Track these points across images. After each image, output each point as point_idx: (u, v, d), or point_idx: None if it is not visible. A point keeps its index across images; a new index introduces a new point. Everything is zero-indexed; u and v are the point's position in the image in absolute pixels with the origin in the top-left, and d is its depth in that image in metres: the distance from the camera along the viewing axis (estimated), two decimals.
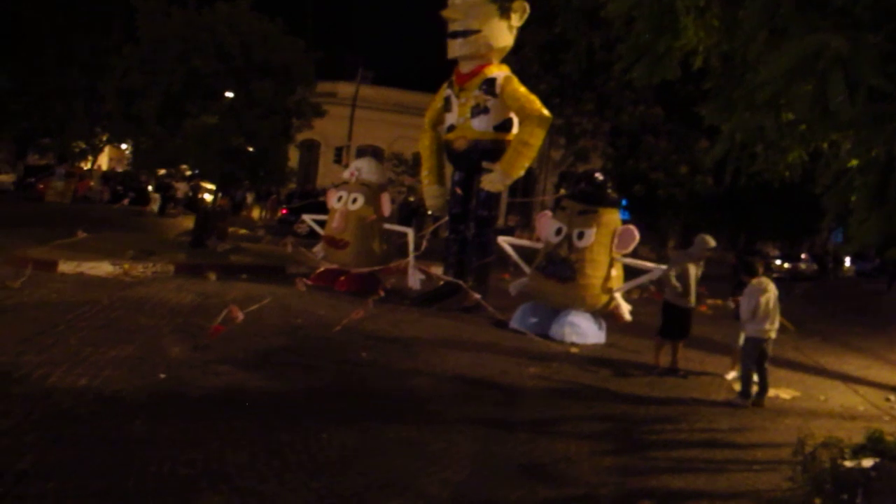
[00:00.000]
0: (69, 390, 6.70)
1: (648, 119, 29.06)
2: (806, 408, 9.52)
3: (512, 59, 15.72)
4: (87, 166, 46.46)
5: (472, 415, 7.54)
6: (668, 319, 10.81)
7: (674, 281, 10.67)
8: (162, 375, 7.52)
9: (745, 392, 9.27)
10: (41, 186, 34.75)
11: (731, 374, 10.76)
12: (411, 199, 34.97)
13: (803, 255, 44.51)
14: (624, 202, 27.08)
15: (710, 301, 15.02)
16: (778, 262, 39.43)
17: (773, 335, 9.30)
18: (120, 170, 48.45)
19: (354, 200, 15.16)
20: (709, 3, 6.46)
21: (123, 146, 47.09)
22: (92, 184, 38.97)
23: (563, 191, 14.50)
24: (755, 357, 9.31)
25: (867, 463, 5.51)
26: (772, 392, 9.68)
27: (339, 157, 41.38)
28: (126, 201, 36.19)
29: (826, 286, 35.15)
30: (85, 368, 7.45)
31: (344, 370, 8.75)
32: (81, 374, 7.23)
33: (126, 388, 6.98)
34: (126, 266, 14.19)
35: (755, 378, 9.35)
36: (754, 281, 9.36)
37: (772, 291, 9.25)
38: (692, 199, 32.39)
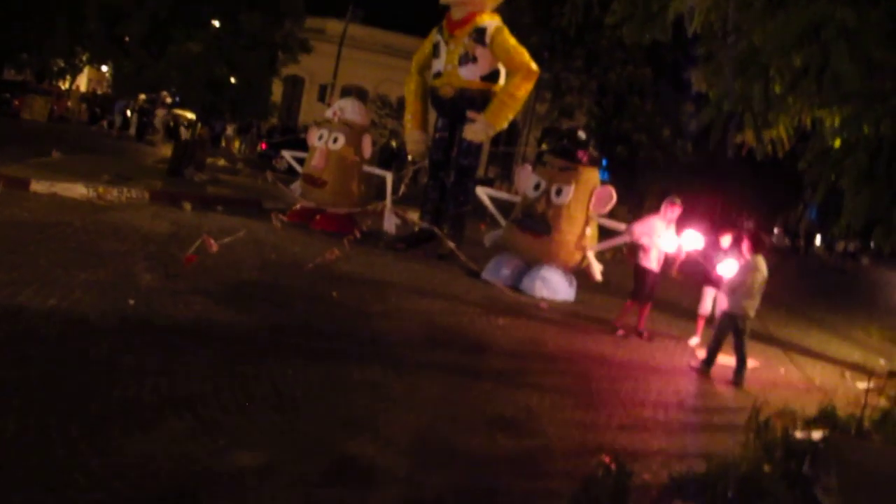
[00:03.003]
0: (37, 311, 6.68)
1: (636, 79, 28.99)
2: (765, 378, 9.70)
3: (505, 9, 15.54)
4: (65, 86, 45.70)
5: (438, 361, 7.64)
6: (637, 281, 10.92)
7: (643, 242, 10.80)
8: (131, 301, 7.51)
9: (708, 361, 9.27)
10: (17, 103, 34.18)
11: (694, 340, 10.94)
12: (393, 142, 34.78)
13: (776, 230, 44.95)
14: (604, 162, 27.11)
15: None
16: None
17: (751, 314, 9.19)
18: (100, 92, 47.69)
19: (335, 140, 15.05)
20: None
21: (104, 68, 46.31)
22: (70, 104, 38.34)
23: (545, 146, 14.47)
24: (727, 331, 9.27)
25: (817, 435, 5.66)
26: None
27: (323, 96, 41.00)
28: (104, 123, 35.71)
29: (796, 261, 35.58)
30: (54, 289, 7.42)
31: (313, 309, 8.78)
32: (50, 295, 7.20)
33: (95, 311, 6.97)
34: (100, 190, 14.07)
35: (731, 355, 9.29)
36: (751, 257, 9.18)
37: (763, 272, 9.12)
38: (672, 164, 32.51)
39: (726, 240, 10.62)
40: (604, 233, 12.78)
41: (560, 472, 5.40)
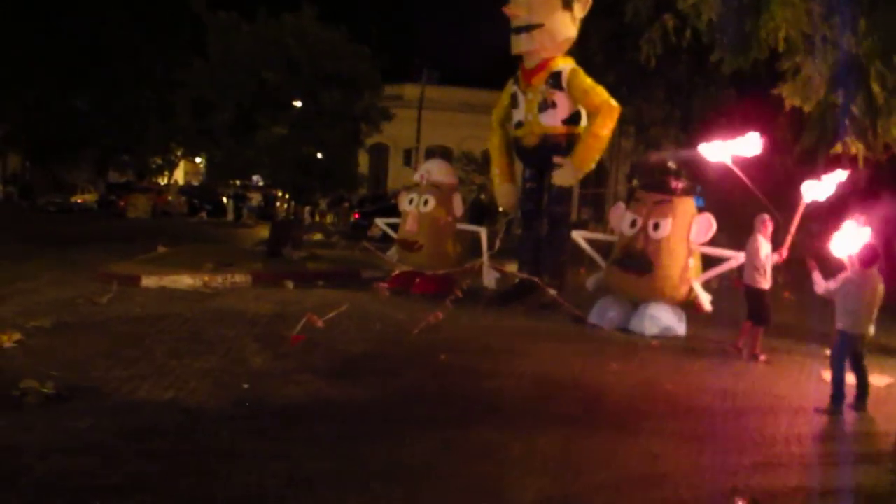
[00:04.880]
0: (157, 404, 6.87)
1: (720, 102, 28.40)
2: None
3: (577, 51, 15.48)
4: (164, 181, 47.75)
5: (554, 416, 7.45)
6: (751, 303, 10.65)
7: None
8: (245, 386, 7.64)
9: (837, 397, 8.25)
10: (122, 203, 35.86)
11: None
12: (482, 197, 34.88)
13: None
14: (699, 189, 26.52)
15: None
16: None
17: (871, 333, 8.40)
18: (195, 183, 49.60)
19: (426, 202, 15.18)
20: None
21: (197, 159, 48.22)
22: (170, 198, 39.97)
23: (635, 182, 14.25)
24: (845, 356, 8.36)
25: None
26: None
27: (409, 160, 41.59)
28: (203, 214, 37.03)
29: None
30: (171, 381, 7.63)
31: (423, 375, 8.73)
32: (168, 387, 7.41)
33: (211, 399, 7.11)
34: (206, 278, 14.50)
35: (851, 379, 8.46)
36: (866, 271, 8.33)
37: (879, 287, 8.30)
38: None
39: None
40: (707, 261, 12.42)
41: None
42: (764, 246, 10.60)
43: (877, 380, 9.68)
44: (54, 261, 16.41)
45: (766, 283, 10.61)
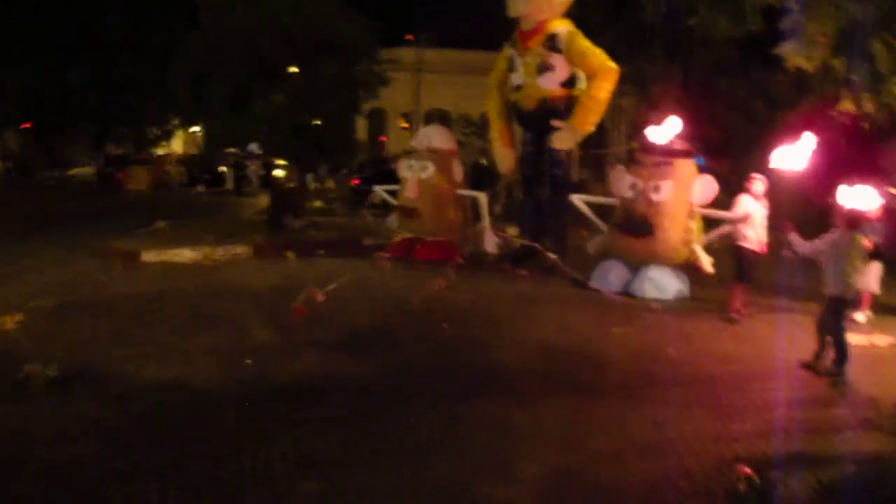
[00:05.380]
0: (162, 385, 6.90)
1: (721, 60, 28.09)
2: None
3: (574, 10, 15.25)
4: (162, 151, 47.58)
5: (558, 385, 7.46)
6: (738, 262, 10.73)
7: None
8: (249, 362, 7.66)
9: (840, 360, 8.10)
10: (120, 176, 35.76)
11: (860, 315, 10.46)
12: (483, 160, 34.74)
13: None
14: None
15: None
16: None
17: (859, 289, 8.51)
18: (194, 152, 49.34)
19: (425, 169, 15.12)
20: None
21: (195, 128, 47.96)
22: (168, 169, 39.79)
23: (635, 144, 14.13)
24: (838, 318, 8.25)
25: None
26: (865, 340, 9.36)
27: (408, 124, 41.40)
28: (201, 187, 36.89)
29: None
30: (175, 359, 7.68)
31: (427, 346, 8.74)
32: (172, 365, 7.46)
33: (215, 378, 7.14)
34: (207, 251, 14.48)
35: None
36: (846, 233, 8.24)
37: (861, 247, 8.21)
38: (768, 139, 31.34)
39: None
40: (709, 223, 12.38)
41: (701, 491, 5.15)
42: (745, 204, 10.61)
43: (879, 339, 9.72)
44: (55, 238, 16.39)
45: (747, 242, 10.56)
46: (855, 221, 8.26)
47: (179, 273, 12.79)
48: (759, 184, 10.62)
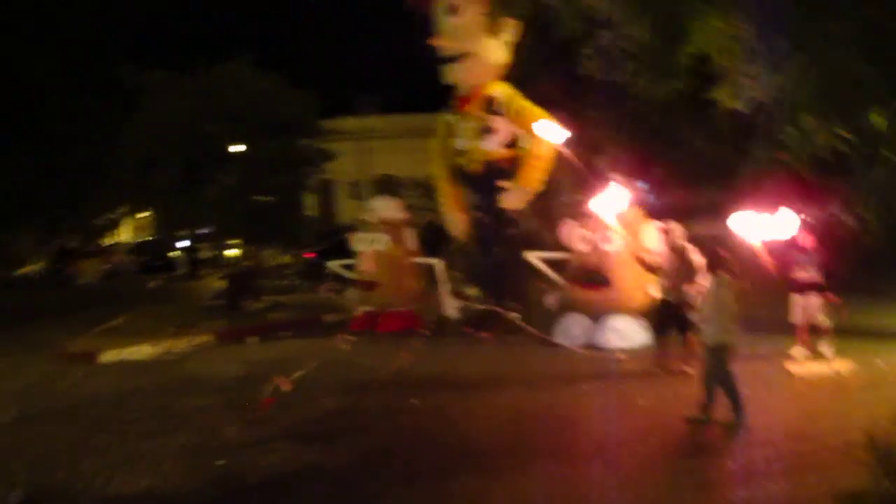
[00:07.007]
0: (132, 496, 6.74)
1: (661, 108, 28.59)
2: (868, 379, 9.34)
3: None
4: (111, 240, 46.97)
5: (533, 453, 7.40)
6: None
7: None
8: (220, 462, 7.54)
9: (736, 408, 7.81)
10: (70, 270, 35.30)
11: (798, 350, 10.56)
12: (436, 220, 34.80)
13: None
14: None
15: None
16: None
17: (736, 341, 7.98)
18: (144, 237, 48.76)
19: (379, 241, 15.22)
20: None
21: (143, 214, 47.43)
22: (119, 258, 39.32)
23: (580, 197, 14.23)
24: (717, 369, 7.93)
25: None
26: (826, 367, 9.52)
27: (356, 193, 41.48)
28: (152, 284, 36.44)
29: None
30: (144, 466, 7.53)
31: (398, 424, 8.71)
32: (142, 474, 7.29)
33: (188, 483, 7.02)
34: (168, 344, 14.30)
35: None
36: (715, 277, 8.16)
37: (729, 293, 7.98)
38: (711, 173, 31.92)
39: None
40: None
41: None
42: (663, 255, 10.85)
43: (843, 366, 9.88)
44: (8, 343, 16.01)
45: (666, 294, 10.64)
46: (716, 263, 8.20)
47: (141, 371, 12.58)
48: (675, 234, 10.77)
